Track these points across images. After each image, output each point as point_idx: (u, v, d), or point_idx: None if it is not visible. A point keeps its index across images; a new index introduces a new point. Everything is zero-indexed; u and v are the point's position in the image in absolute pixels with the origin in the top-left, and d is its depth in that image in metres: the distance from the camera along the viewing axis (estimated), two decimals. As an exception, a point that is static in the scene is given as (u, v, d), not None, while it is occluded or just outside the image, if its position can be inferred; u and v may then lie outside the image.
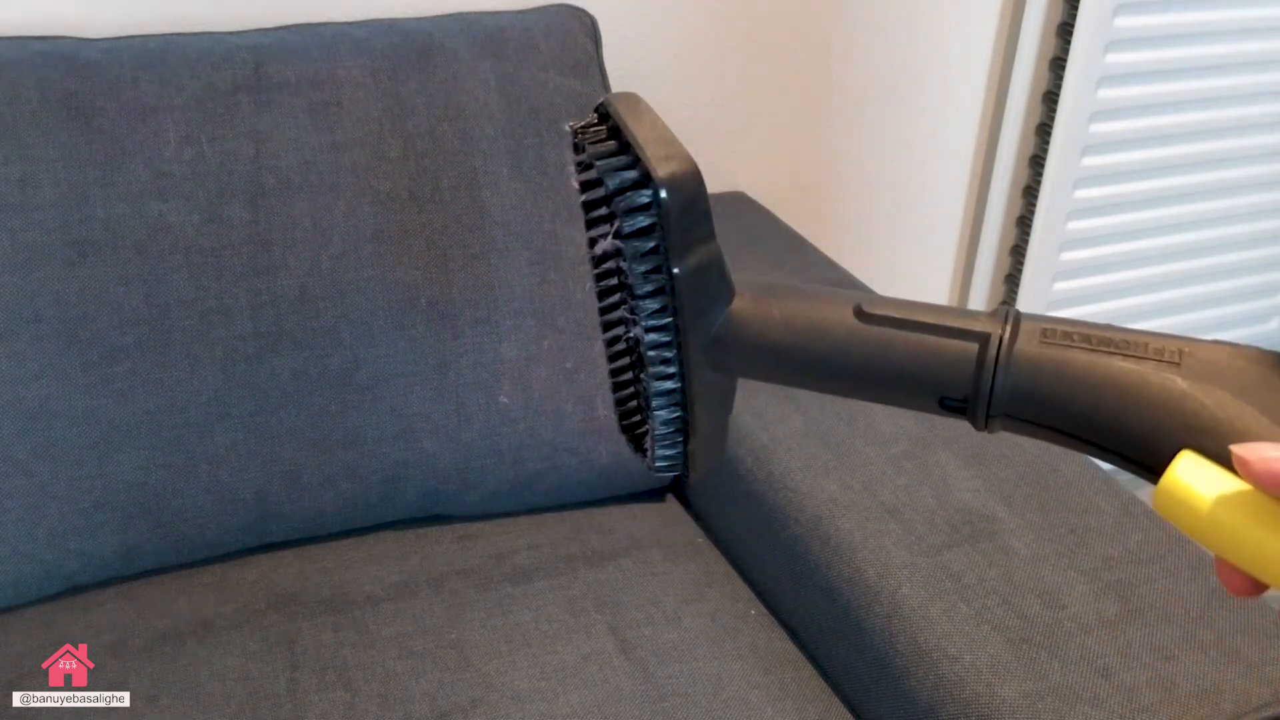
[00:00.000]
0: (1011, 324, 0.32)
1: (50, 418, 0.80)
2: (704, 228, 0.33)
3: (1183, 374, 0.29)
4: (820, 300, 0.34)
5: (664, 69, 1.22)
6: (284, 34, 0.91)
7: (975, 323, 0.32)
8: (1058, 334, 0.31)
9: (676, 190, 0.31)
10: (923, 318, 0.32)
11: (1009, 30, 1.35)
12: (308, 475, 0.86)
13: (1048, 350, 0.31)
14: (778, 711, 0.76)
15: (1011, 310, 0.33)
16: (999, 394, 0.31)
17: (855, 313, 0.33)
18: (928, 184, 1.43)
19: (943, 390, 0.32)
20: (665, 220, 0.31)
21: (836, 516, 0.81)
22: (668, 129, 0.33)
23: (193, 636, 0.80)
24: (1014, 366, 0.31)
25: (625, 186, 0.32)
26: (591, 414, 0.92)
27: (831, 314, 0.33)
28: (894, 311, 0.33)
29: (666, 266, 0.32)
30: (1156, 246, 1.50)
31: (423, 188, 0.88)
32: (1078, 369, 0.30)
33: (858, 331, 0.33)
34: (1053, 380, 0.30)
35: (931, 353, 0.32)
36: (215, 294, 0.83)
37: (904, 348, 0.32)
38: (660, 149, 0.32)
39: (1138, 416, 0.29)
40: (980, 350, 0.31)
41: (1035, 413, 0.31)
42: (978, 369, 0.31)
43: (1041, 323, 0.32)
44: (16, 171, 0.80)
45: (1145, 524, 0.79)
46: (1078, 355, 0.30)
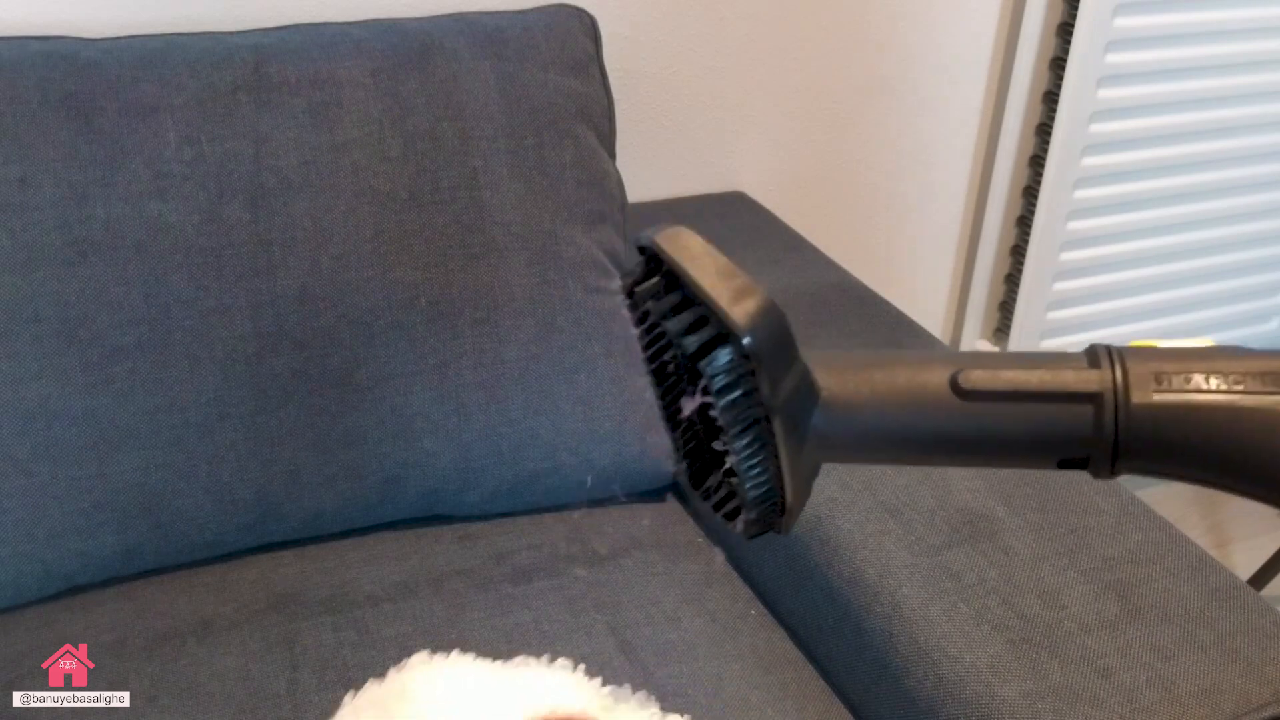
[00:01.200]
0: (1120, 374, 0.30)
1: (50, 417, 0.80)
2: (790, 354, 0.31)
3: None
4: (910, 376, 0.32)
5: (664, 68, 1.22)
6: (284, 34, 0.91)
7: (1083, 380, 0.30)
8: (1171, 377, 0.29)
9: (760, 335, 0.29)
10: (1025, 384, 0.30)
11: (1009, 30, 1.35)
12: (308, 475, 0.86)
13: (1166, 398, 0.29)
14: (778, 711, 0.76)
15: (1114, 353, 0.31)
16: (1121, 449, 0.30)
17: (953, 389, 0.31)
18: (928, 184, 1.43)
19: (1060, 454, 0.31)
20: (756, 369, 0.30)
21: (836, 516, 0.81)
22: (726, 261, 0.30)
23: (193, 636, 0.80)
24: (1134, 423, 0.29)
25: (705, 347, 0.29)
26: (591, 414, 0.92)
27: (927, 394, 0.31)
28: (993, 384, 0.31)
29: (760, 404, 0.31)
30: (1156, 246, 1.50)
31: (423, 188, 0.88)
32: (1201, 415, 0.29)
33: (959, 412, 0.31)
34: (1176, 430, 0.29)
35: (1043, 423, 0.30)
36: (215, 294, 0.83)
37: (1012, 421, 0.31)
38: (729, 293, 0.29)
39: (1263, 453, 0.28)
40: (1096, 413, 0.30)
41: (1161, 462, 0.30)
42: (1095, 431, 0.30)
43: (1150, 364, 0.30)
44: (16, 171, 0.80)
45: (1145, 524, 0.79)
46: (1198, 399, 0.29)
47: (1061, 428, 0.30)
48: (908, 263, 1.48)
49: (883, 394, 0.32)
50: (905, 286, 1.49)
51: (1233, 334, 1.63)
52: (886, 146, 1.38)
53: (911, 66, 1.34)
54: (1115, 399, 0.29)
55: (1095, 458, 0.30)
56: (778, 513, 0.34)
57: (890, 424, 0.32)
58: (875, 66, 1.32)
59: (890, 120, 1.36)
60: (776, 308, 0.30)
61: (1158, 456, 0.30)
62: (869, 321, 1.03)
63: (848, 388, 0.32)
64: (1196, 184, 1.47)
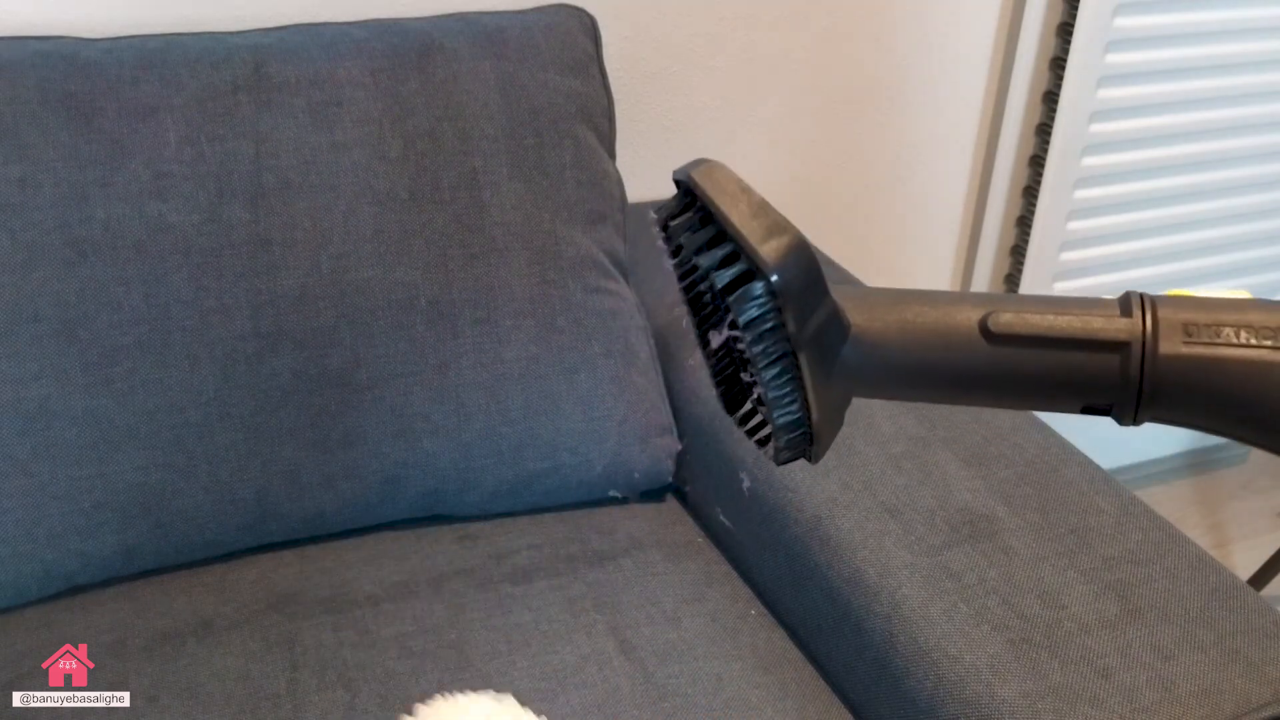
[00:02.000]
0: (1150, 324, 0.30)
1: (50, 418, 0.80)
2: (818, 291, 0.31)
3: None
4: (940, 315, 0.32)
5: (664, 68, 1.22)
6: (284, 34, 0.91)
7: (1112, 328, 0.30)
8: (1202, 328, 0.29)
9: (788, 274, 0.30)
10: (1054, 329, 0.31)
11: (1009, 30, 1.35)
12: (307, 475, 0.86)
13: (1194, 350, 0.29)
14: (778, 711, 0.76)
15: (1146, 301, 0.31)
16: (1145, 399, 0.30)
17: (982, 331, 0.31)
18: (928, 184, 1.43)
19: (1085, 400, 0.31)
20: (784, 305, 0.30)
21: (836, 516, 0.81)
22: (759, 198, 0.31)
23: (193, 637, 0.80)
24: (1159, 374, 0.29)
25: (734, 282, 0.30)
26: (591, 414, 0.92)
27: (956, 334, 0.32)
28: (1022, 327, 0.31)
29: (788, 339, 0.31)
30: (1157, 246, 1.50)
31: (423, 188, 0.88)
32: (1227, 368, 0.29)
33: (987, 352, 0.31)
34: (1201, 383, 0.29)
35: (1070, 369, 0.30)
36: (215, 294, 0.83)
37: (1038, 366, 0.31)
38: (760, 230, 0.30)
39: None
40: (1122, 361, 0.30)
41: (1185, 412, 0.30)
42: (1121, 379, 0.30)
43: (1181, 314, 0.30)
44: (16, 171, 0.80)
45: (1145, 524, 0.79)
46: (1225, 353, 0.29)
47: (1087, 375, 0.30)
48: (908, 262, 1.48)
49: (911, 331, 0.32)
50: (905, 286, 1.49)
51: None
52: (886, 147, 1.38)
53: (911, 66, 1.33)
54: (1142, 349, 0.29)
55: (1119, 405, 0.30)
56: (807, 441, 0.34)
57: (917, 361, 0.32)
58: (875, 66, 1.32)
59: (890, 120, 1.36)
60: (806, 246, 0.30)
61: (1181, 407, 0.29)
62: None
63: (877, 324, 0.33)
64: (1196, 184, 1.47)
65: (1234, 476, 1.92)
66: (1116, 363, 0.30)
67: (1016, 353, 0.31)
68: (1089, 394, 0.30)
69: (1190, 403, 0.29)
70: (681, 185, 0.32)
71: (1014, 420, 0.90)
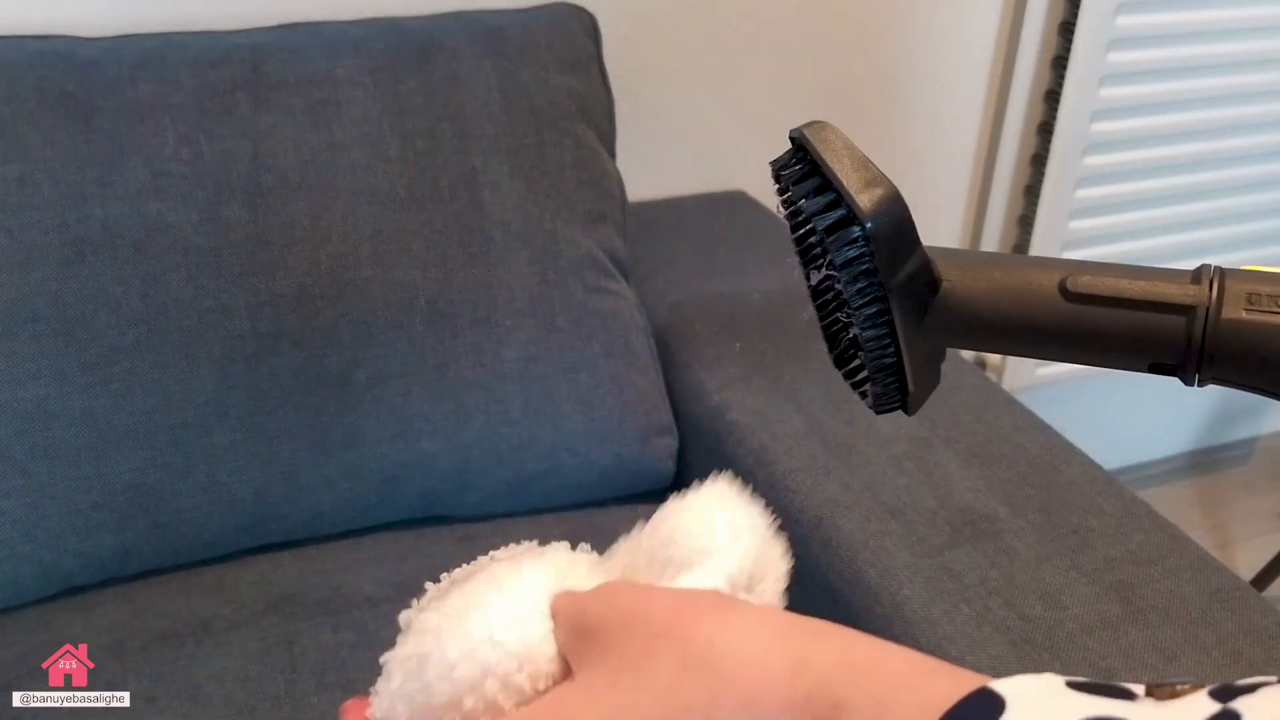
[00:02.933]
0: (1217, 290, 0.33)
1: (48, 418, 0.80)
2: (910, 242, 0.35)
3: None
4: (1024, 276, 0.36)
5: (664, 68, 1.22)
6: (283, 33, 0.91)
7: (1180, 293, 0.33)
8: (1264, 298, 0.32)
9: (881, 221, 0.33)
10: (1127, 293, 0.34)
11: (1010, 29, 1.34)
12: (306, 475, 0.86)
13: (1254, 316, 0.32)
14: (778, 713, 0.76)
15: (1216, 271, 0.34)
16: (1206, 359, 0.33)
17: (1060, 290, 0.35)
18: (929, 183, 1.43)
19: (1152, 358, 0.34)
20: (876, 250, 0.34)
21: (837, 517, 0.81)
22: (862, 154, 0.34)
23: (191, 637, 0.79)
24: (1219, 336, 0.32)
25: (833, 225, 0.34)
26: (591, 414, 0.91)
27: (1037, 293, 0.35)
28: (1098, 289, 0.34)
29: (880, 284, 0.35)
30: (1158, 246, 1.50)
31: (422, 187, 0.88)
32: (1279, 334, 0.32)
33: (1064, 309, 0.34)
34: (1260, 345, 0.32)
35: (1139, 328, 0.33)
36: (213, 294, 0.83)
37: (1111, 324, 0.34)
38: (859, 181, 0.34)
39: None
40: (1187, 323, 0.33)
41: (1244, 374, 0.33)
42: (1185, 340, 0.33)
43: (1248, 284, 0.33)
44: (14, 171, 0.79)
45: (1147, 525, 0.79)
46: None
47: (1154, 335, 0.33)
48: (909, 262, 1.48)
49: (998, 289, 0.36)
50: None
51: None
52: (887, 146, 1.38)
53: (912, 66, 1.33)
54: (1206, 313, 0.33)
55: (1184, 365, 0.33)
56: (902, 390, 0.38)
57: (1003, 316, 0.35)
58: (876, 66, 1.32)
59: (891, 120, 1.36)
60: (900, 200, 0.34)
61: (1240, 369, 0.32)
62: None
63: (966, 280, 0.36)
64: (1198, 183, 1.47)
65: (1236, 477, 1.92)
66: (1183, 324, 0.33)
67: (1092, 311, 0.34)
68: (1156, 353, 0.33)
69: (1248, 365, 0.32)
70: (795, 141, 0.36)
71: (1015, 420, 0.89)
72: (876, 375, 0.38)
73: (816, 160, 0.35)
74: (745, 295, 1.06)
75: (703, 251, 1.14)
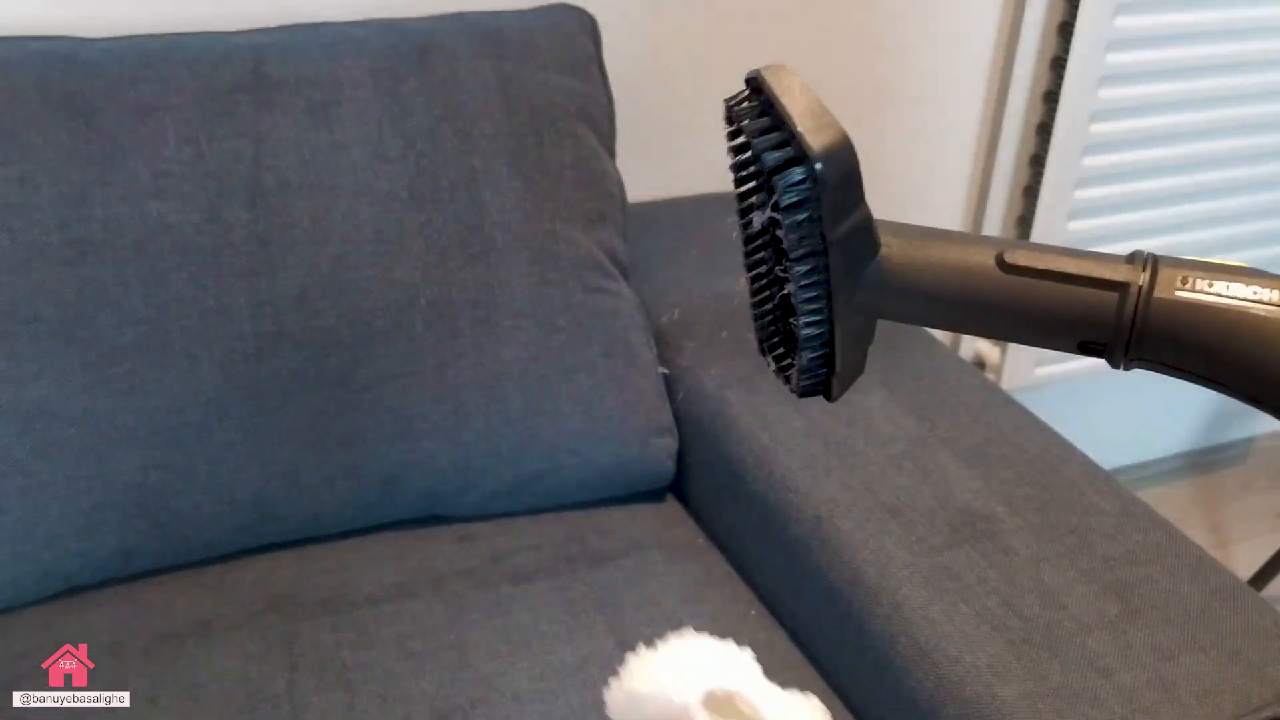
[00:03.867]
0: (1150, 271, 0.33)
1: (49, 418, 0.80)
2: (856, 194, 0.34)
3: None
4: (962, 249, 0.35)
5: (664, 69, 1.22)
6: (284, 34, 0.91)
7: (1115, 271, 0.33)
8: (1196, 280, 0.32)
9: (831, 165, 0.32)
10: (1062, 266, 0.34)
11: (1009, 30, 1.35)
12: (307, 475, 0.86)
13: (1186, 296, 0.32)
14: (778, 712, 0.76)
15: (1150, 256, 0.34)
16: (1136, 340, 0.32)
17: (997, 262, 0.34)
18: (928, 183, 1.43)
19: (1083, 336, 0.33)
20: (821, 194, 0.33)
21: (837, 517, 0.81)
22: (818, 99, 0.34)
23: (192, 637, 0.80)
24: (1151, 315, 0.32)
25: (781, 165, 0.33)
26: (591, 414, 0.91)
27: (974, 264, 0.35)
28: (1034, 262, 0.34)
29: (821, 235, 0.34)
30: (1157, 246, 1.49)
31: (422, 187, 0.88)
32: (1212, 315, 0.31)
33: (1000, 281, 0.34)
34: (1188, 328, 0.31)
35: (1072, 301, 0.33)
36: (214, 294, 0.83)
37: (1045, 296, 0.33)
38: (812, 123, 0.33)
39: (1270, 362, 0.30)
40: (1120, 299, 0.32)
41: (1170, 357, 0.32)
42: (1117, 317, 0.32)
43: (1180, 270, 0.33)
44: (16, 171, 0.80)
45: (1145, 524, 0.79)
46: (1213, 302, 0.31)
47: (1086, 310, 0.33)
48: (908, 263, 1.48)
49: (937, 258, 0.35)
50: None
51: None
52: (886, 147, 1.38)
53: (912, 66, 1.33)
54: (1139, 290, 0.32)
55: (1112, 344, 0.33)
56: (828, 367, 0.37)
57: (939, 286, 0.35)
58: (875, 66, 1.32)
59: (890, 120, 1.36)
60: (851, 149, 0.33)
61: (1169, 350, 0.32)
62: (869, 321, 1.03)
63: (905, 247, 0.36)
64: (1197, 184, 1.47)
65: (1235, 477, 1.92)
66: (1114, 301, 0.33)
67: (1026, 283, 0.34)
68: (1086, 329, 0.33)
69: (1177, 346, 0.32)
70: (751, 82, 0.35)
71: (1015, 420, 0.90)
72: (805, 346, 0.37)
73: (771, 100, 0.34)
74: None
75: (703, 252, 1.14)
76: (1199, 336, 0.32)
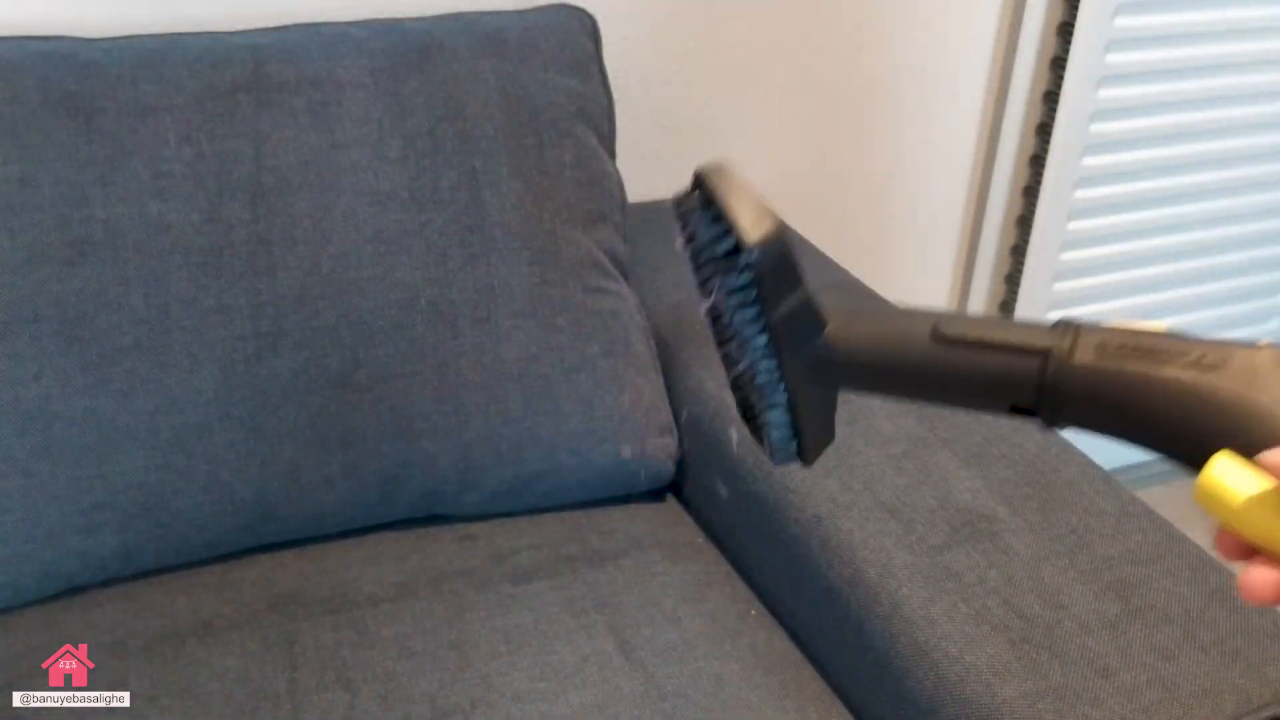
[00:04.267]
0: (1071, 339, 0.35)
1: (50, 418, 0.80)
2: (793, 275, 0.37)
3: (1225, 379, 0.32)
4: (901, 324, 0.38)
5: (664, 69, 1.22)
6: (284, 34, 0.91)
7: (1038, 338, 0.35)
8: (1112, 347, 0.34)
9: (765, 254, 0.36)
10: (990, 336, 0.36)
11: (1009, 30, 1.35)
12: (307, 475, 0.86)
13: (1102, 363, 0.34)
14: (777, 711, 0.76)
15: (1074, 324, 0.36)
16: (1059, 403, 0.35)
17: (932, 334, 0.37)
18: (928, 184, 1.43)
19: (1012, 400, 0.36)
20: (759, 278, 0.37)
21: (837, 516, 0.81)
22: (755, 194, 0.37)
23: (192, 637, 0.80)
24: (1073, 379, 0.34)
25: (724, 253, 0.37)
26: (591, 414, 0.92)
27: (911, 338, 0.37)
28: (966, 332, 0.37)
29: (765, 312, 0.37)
30: (1157, 246, 1.50)
31: (422, 188, 0.88)
32: (1128, 380, 0.33)
33: (935, 352, 0.37)
34: (1106, 391, 0.34)
35: (1000, 368, 0.36)
36: (215, 294, 0.83)
37: (976, 365, 0.36)
38: (749, 218, 0.36)
39: (1182, 421, 0.32)
40: (1042, 365, 0.35)
41: (1091, 418, 0.35)
42: (1039, 381, 0.35)
43: (1099, 335, 0.35)
44: (16, 171, 0.80)
45: (1145, 524, 0.79)
46: (1130, 366, 0.34)
47: (1012, 376, 0.35)
48: (908, 263, 1.48)
49: (877, 333, 0.38)
50: (906, 286, 1.49)
51: (1232, 334, 1.63)
52: (886, 147, 1.38)
53: (912, 66, 1.34)
54: (1060, 357, 0.34)
55: (1041, 407, 0.35)
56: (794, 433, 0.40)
57: (881, 359, 0.38)
58: (875, 66, 1.32)
59: (890, 120, 1.36)
60: (784, 239, 0.36)
61: (1090, 413, 0.34)
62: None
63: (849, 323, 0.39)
64: (1197, 184, 1.47)
65: (1234, 476, 1.92)
66: (1037, 366, 0.35)
67: (960, 353, 0.36)
68: (1014, 394, 0.35)
69: (1097, 408, 0.34)
70: (697, 178, 0.38)
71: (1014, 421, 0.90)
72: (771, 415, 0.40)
73: (714, 195, 0.37)
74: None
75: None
76: (1115, 399, 0.34)
